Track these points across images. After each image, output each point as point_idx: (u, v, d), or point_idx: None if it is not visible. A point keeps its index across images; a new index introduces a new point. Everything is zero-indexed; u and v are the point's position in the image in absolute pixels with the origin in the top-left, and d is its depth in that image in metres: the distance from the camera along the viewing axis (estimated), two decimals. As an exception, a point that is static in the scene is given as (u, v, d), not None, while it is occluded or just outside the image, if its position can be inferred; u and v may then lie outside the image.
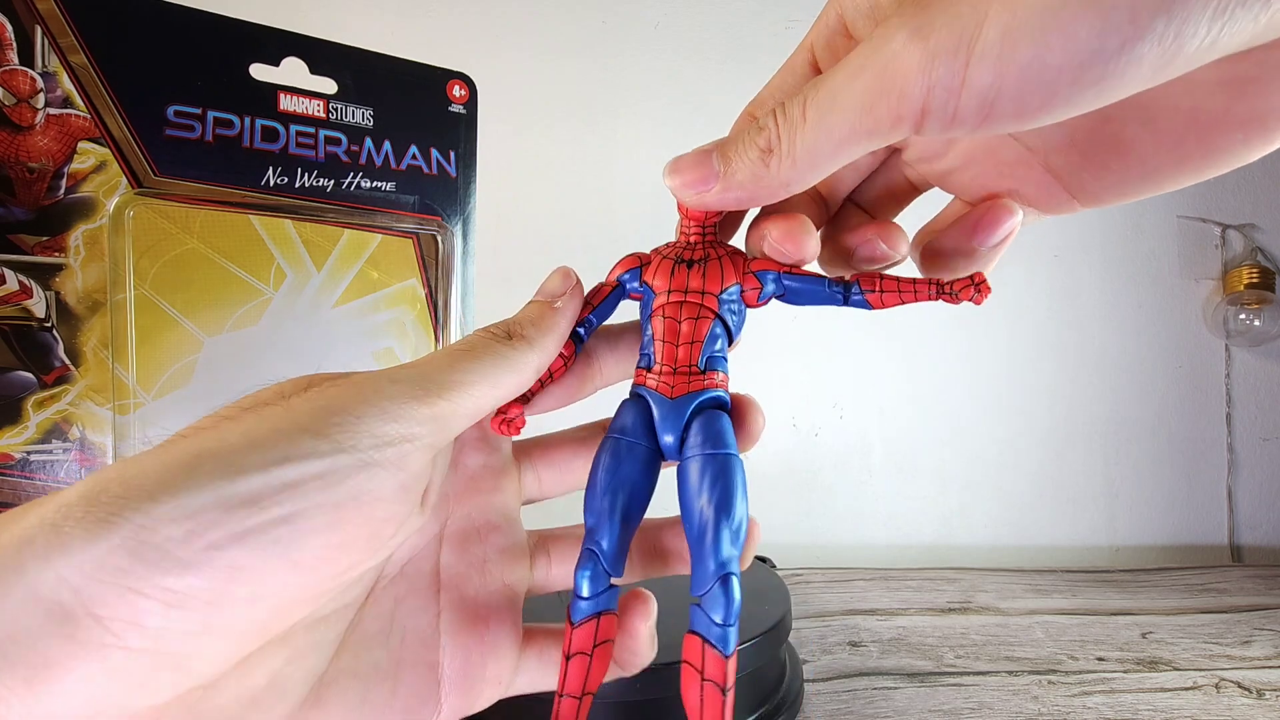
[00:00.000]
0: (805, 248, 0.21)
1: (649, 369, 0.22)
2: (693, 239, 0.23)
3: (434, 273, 0.43)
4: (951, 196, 0.24)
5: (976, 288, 0.20)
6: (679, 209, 0.22)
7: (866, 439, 0.78)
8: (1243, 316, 0.79)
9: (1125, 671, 0.46)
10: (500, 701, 0.22)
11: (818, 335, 0.75)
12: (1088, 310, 0.80)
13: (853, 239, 0.23)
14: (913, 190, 0.25)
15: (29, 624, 0.13)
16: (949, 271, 0.22)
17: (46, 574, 0.13)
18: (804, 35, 0.21)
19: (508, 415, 0.22)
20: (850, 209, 0.25)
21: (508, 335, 0.21)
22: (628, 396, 0.22)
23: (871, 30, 0.18)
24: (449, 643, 0.21)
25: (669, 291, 0.22)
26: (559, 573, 0.24)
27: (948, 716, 0.40)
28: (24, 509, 0.14)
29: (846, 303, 0.21)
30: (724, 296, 0.22)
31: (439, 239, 0.43)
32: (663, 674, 0.23)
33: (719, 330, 0.21)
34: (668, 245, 0.23)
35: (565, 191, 0.73)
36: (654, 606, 0.22)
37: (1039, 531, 0.80)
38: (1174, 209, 0.82)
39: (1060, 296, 0.80)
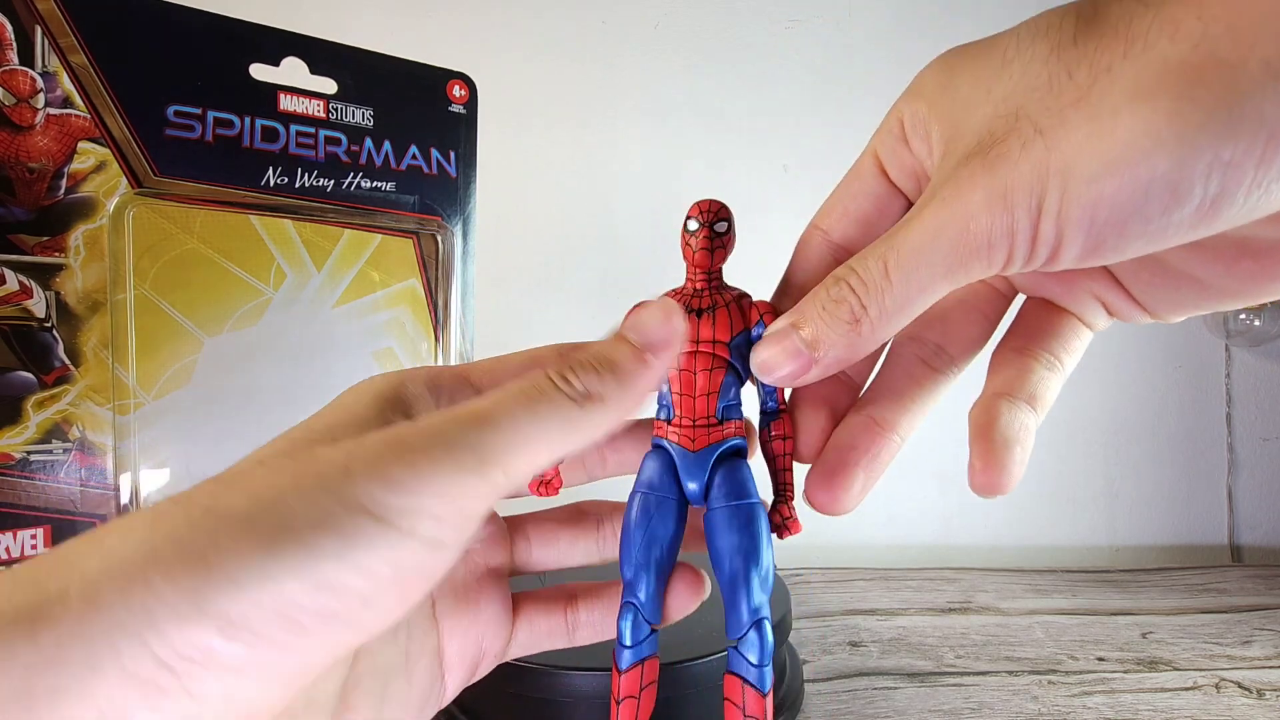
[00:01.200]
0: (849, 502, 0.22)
1: (669, 421, 0.22)
2: (699, 286, 0.23)
3: (434, 273, 0.43)
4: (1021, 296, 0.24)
5: (785, 524, 0.23)
6: (685, 255, 0.23)
7: (866, 439, 0.78)
8: (1243, 316, 0.79)
9: (1125, 671, 0.46)
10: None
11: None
12: (1088, 310, 0.80)
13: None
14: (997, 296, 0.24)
15: (125, 699, 0.13)
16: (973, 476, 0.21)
17: (141, 651, 0.13)
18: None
19: (544, 477, 0.23)
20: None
21: (585, 395, 0.18)
22: (650, 448, 0.23)
23: (924, 150, 0.20)
24: (447, 628, 0.22)
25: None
26: (539, 554, 0.25)
27: (948, 716, 0.40)
28: (99, 544, 0.14)
29: (763, 403, 0.23)
30: (733, 344, 0.22)
31: (439, 239, 0.43)
32: (675, 673, 0.24)
33: (732, 379, 0.22)
34: (674, 292, 0.23)
35: (565, 191, 0.73)
36: (706, 588, 0.23)
37: (1039, 531, 0.80)
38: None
39: (1060, 296, 0.80)
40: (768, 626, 0.20)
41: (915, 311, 0.18)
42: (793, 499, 0.23)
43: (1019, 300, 0.24)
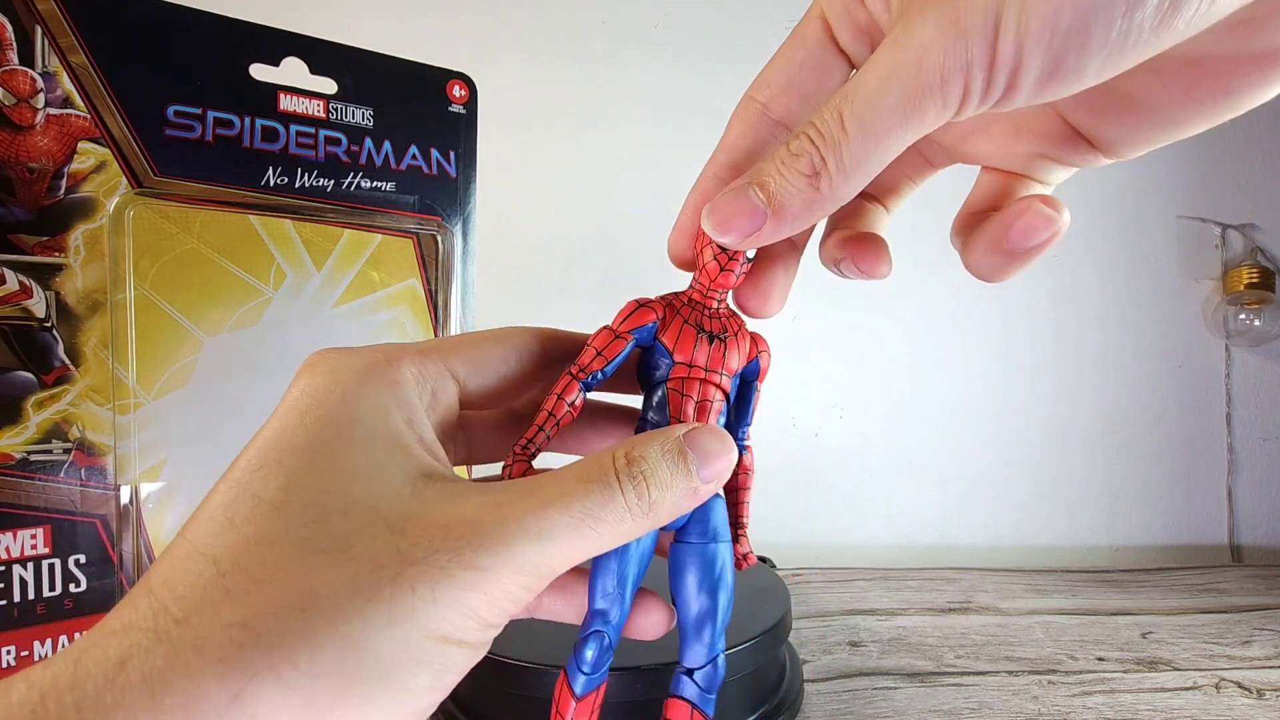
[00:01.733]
0: (884, 268, 0.22)
1: None
2: (712, 307, 0.22)
3: (434, 273, 0.43)
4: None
5: (743, 559, 0.23)
6: (705, 273, 0.21)
7: (866, 439, 0.78)
8: (1243, 316, 0.79)
9: (1125, 671, 0.46)
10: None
11: (818, 335, 0.75)
12: (1088, 310, 0.80)
13: (834, 251, 0.23)
14: (927, 166, 0.24)
15: None
16: (988, 268, 0.21)
17: None
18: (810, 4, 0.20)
19: (512, 463, 0.22)
20: (856, 201, 0.24)
21: (647, 511, 0.18)
22: None
23: (881, 5, 0.18)
24: None
25: (690, 365, 0.21)
26: None
27: (948, 716, 0.40)
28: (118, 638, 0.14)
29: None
30: (736, 378, 0.22)
31: (439, 239, 0.43)
32: (663, 675, 0.23)
33: (724, 411, 0.22)
34: (678, 299, 0.22)
35: (565, 191, 0.73)
36: (672, 622, 0.22)
37: (1039, 531, 0.80)
38: (1174, 209, 0.82)
39: (1060, 296, 0.80)
40: (723, 660, 0.21)
41: (875, 167, 0.17)
42: (746, 531, 0.23)
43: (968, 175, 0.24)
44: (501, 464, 0.22)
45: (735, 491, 0.23)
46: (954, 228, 0.23)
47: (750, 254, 0.21)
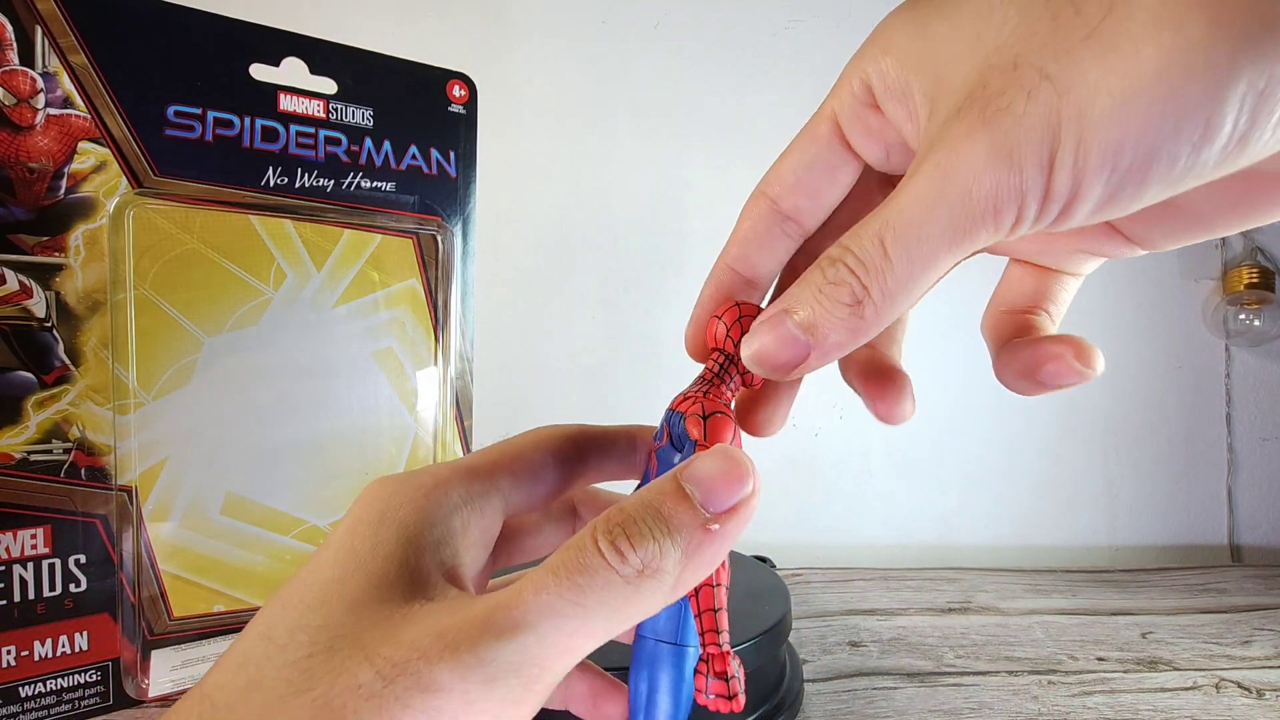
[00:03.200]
0: (904, 412, 0.21)
1: None
2: (727, 392, 0.21)
3: (434, 273, 0.43)
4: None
5: (730, 699, 0.18)
6: (725, 350, 0.20)
7: (866, 439, 0.78)
8: (1243, 316, 0.79)
9: (1125, 671, 0.46)
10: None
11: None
12: (1088, 310, 0.80)
13: (853, 383, 0.22)
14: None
15: None
16: (1019, 388, 0.21)
17: None
18: (822, 101, 0.20)
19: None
20: None
21: (640, 572, 0.15)
22: None
23: (902, 114, 0.18)
24: None
25: None
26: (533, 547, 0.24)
27: (948, 716, 0.40)
28: None
29: None
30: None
31: (439, 239, 0.43)
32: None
33: None
34: (718, 390, 0.21)
35: (565, 191, 0.73)
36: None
37: (1039, 531, 0.80)
38: (1174, 209, 0.82)
39: (1060, 296, 0.80)
40: None
41: (921, 289, 0.16)
42: (720, 657, 0.18)
43: (998, 264, 0.23)
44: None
45: (692, 596, 0.19)
46: (985, 324, 0.22)
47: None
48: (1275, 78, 0.12)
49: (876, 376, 0.21)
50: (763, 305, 0.21)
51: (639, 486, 0.21)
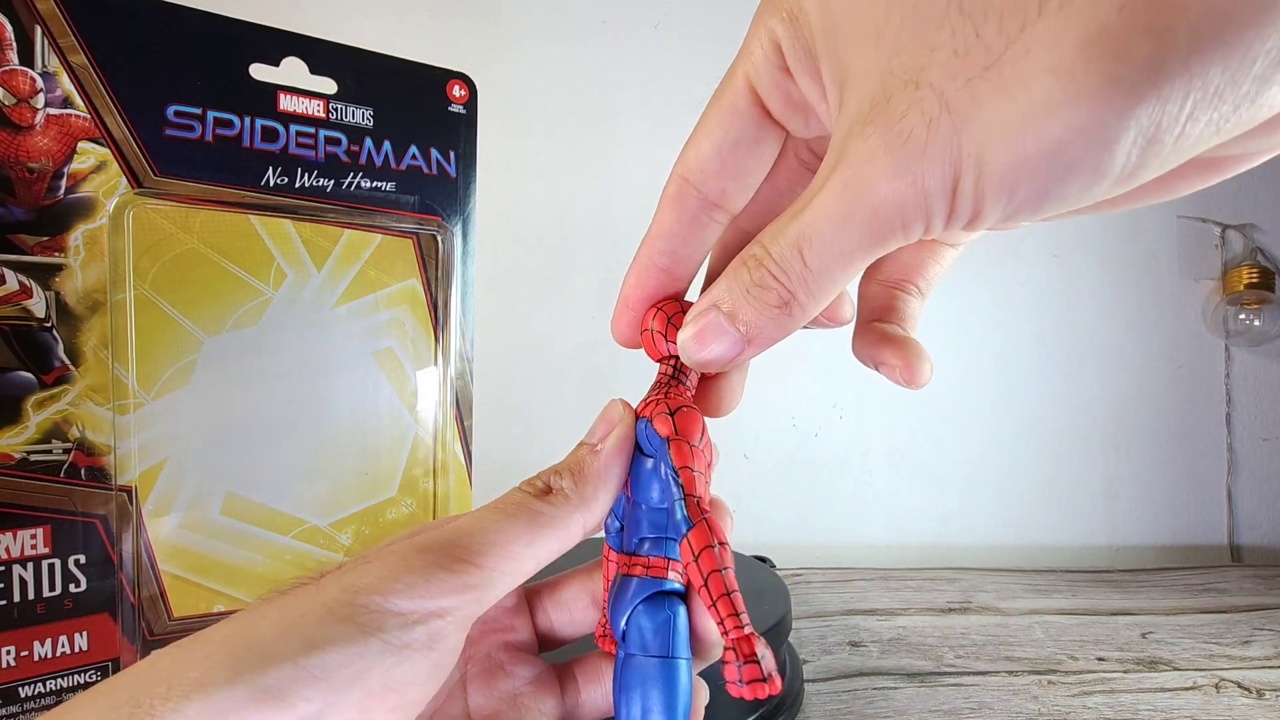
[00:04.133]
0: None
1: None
2: (686, 391, 0.21)
3: (434, 273, 0.43)
4: None
5: (765, 680, 0.17)
6: (665, 356, 0.21)
7: (866, 439, 0.78)
8: (1243, 316, 0.79)
9: (1125, 671, 0.46)
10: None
11: (818, 336, 0.75)
12: (1088, 310, 0.80)
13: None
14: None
15: None
16: (859, 350, 0.22)
17: None
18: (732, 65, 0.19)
19: (609, 632, 0.21)
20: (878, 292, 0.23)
21: (546, 490, 0.19)
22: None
23: (814, 91, 0.18)
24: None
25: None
26: (588, 697, 0.23)
27: (948, 716, 0.40)
28: (76, 709, 0.15)
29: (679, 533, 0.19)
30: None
31: (439, 239, 0.43)
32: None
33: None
34: (677, 392, 0.21)
35: (565, 191, 0.73)
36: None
37: (1039, 531, 0.80)
38: (1174, 209, 0.82)
39: (1060, 296, 0.80)
40: None
41: (844, 284, 0.17)
42: (746, 640, 0.17)
43: None
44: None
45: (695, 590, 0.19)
46: (860, 290, 0.23)
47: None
48: (1162, 122, 0.12)
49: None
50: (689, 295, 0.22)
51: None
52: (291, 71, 0.38)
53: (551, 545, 0.19)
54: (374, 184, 0.41)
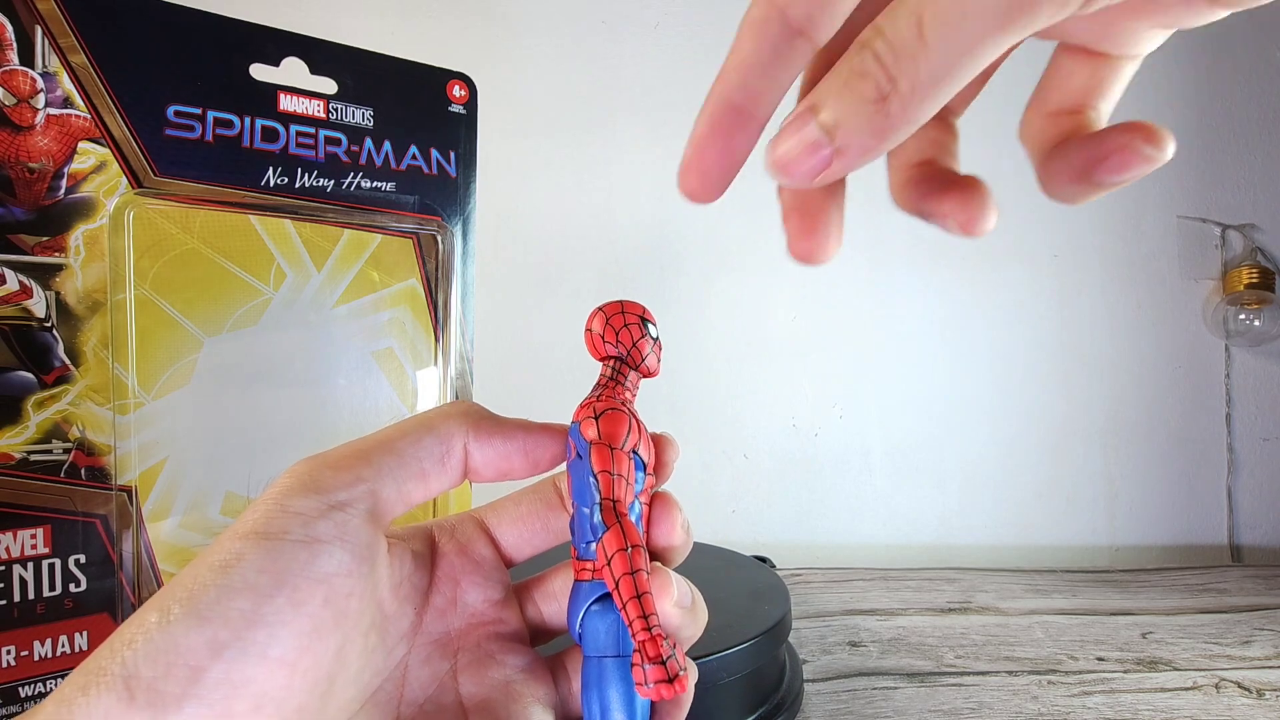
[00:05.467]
0: (989, 222, 0.18)
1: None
2: (624, 392, 0.21)
3: (434, 273, 0.43)
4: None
5: (671, 681, 0.17)
6: (645, 366, 0.21)
7: (866, 439, 0.78)
8: (1243, 316, 0.79)
9: (1125, 671, 0.46)
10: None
11: (818, 335, 0.75)
12: (1088, 310, 0.80)
13: (917, 204, 0.20)
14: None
15: None
16: (1069, 194, 0.18)
17: None
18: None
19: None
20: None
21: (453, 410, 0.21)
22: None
23: None
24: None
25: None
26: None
27: (948, 716, 0.40)
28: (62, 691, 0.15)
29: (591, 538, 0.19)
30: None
31: (439, 239, 0.43)
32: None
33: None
34: (599, 394, 0.21)
35: (565, 192, 0.73)
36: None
37: (1039, 531, 0.80)
38: (1174, 209, 0.82)
39: (1060, 296, 0.80)
40: None
41: (957, 84, 0.14)
42: (651, 641, 0.18)
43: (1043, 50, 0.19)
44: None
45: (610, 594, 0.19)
46: (1026, 132, 0.19)
47: (654, 333, 0.21)
48: None
49: (947, 187, 0.19)
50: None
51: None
52: (291, 71, 0.38)
53: (434, 448, 0.20)
54: (374, 184, 0.41)
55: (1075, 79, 0.18)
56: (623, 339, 0.21)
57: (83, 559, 0.33)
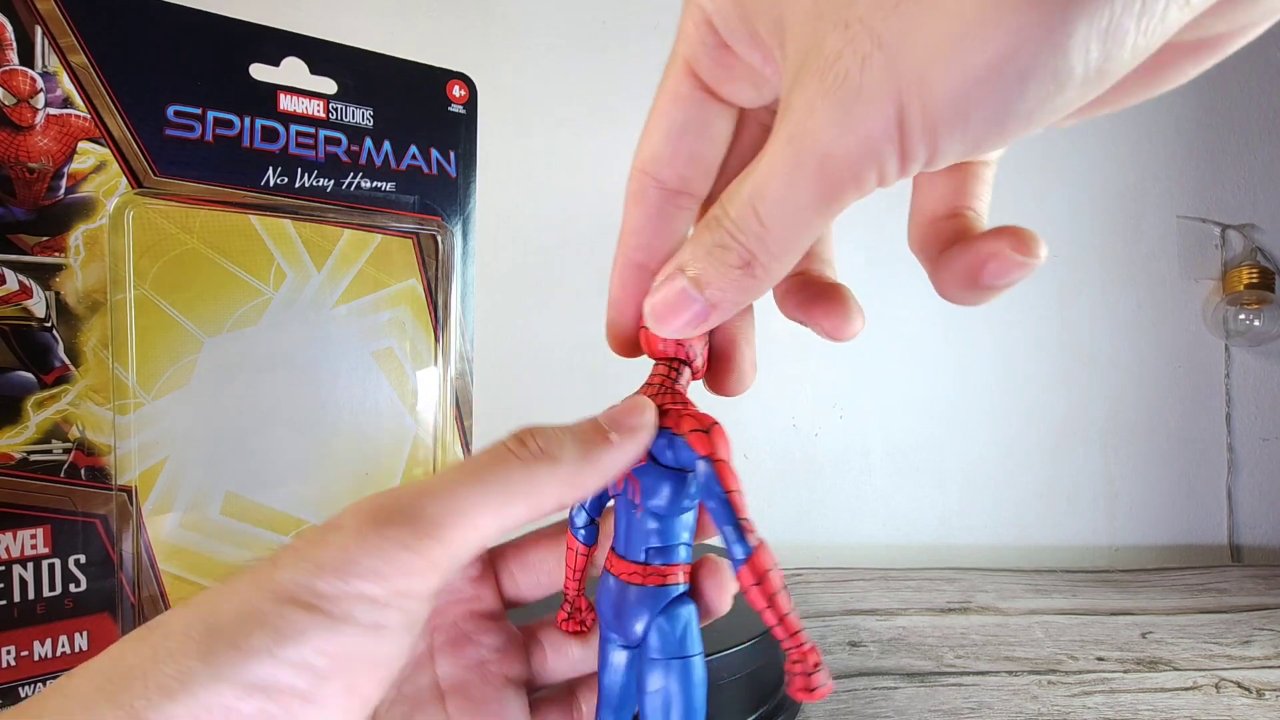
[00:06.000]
0: (854, 327, 0.20)
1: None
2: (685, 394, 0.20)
3: (434, 273, 0.43)
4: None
5: (809, 689, 0.18)
6: (687, 362, 0.20)
7: (866, 439, 0.78)
8: (1243, 316, 0.79)
9: (1125, 671, 0.46)
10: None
11: (818, 335, 0.75)
12: (1088, 310, 0.80)
13: (794, 313, 0.21)
14: None
15: None
16: (962, 299, 0.20)
17: None
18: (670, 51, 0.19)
19: (579, 614, 0.22)
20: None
21: (536, 454, 0.18)
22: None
23: (756, 56, 0.17)
24: None
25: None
26: (555, 663, 0.23)
27: (948, 716, 0.40)
28: (41, 707, 0.14)
29: (735, 565, 0.19)
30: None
31: (439, 239, 0.43)
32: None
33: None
34: (678, 403, 0.20)
35: (565, 191, 0.73)
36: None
37: (1039, 531, 0.80)
38: (1174, 209, 0.82)
39: (1060, 296, 0.80)
40: None
41: (804, 246, 0.17)
42: (816, 659, 0.19)
43: None
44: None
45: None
46: (912, 241, 0.21)
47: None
48: (1115, 8, 0.11)
49: (815, 297, 0.21)
50: None
51: (608, 501, 0.21)
52: (291, 71, 0.38)
53: (520, 511, 0.17)
54: (374, 184, 0.41)
55: (937, 189, 0.20)
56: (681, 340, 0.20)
57: (83, 559, 0.33)
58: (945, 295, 0.20)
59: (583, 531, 0.21)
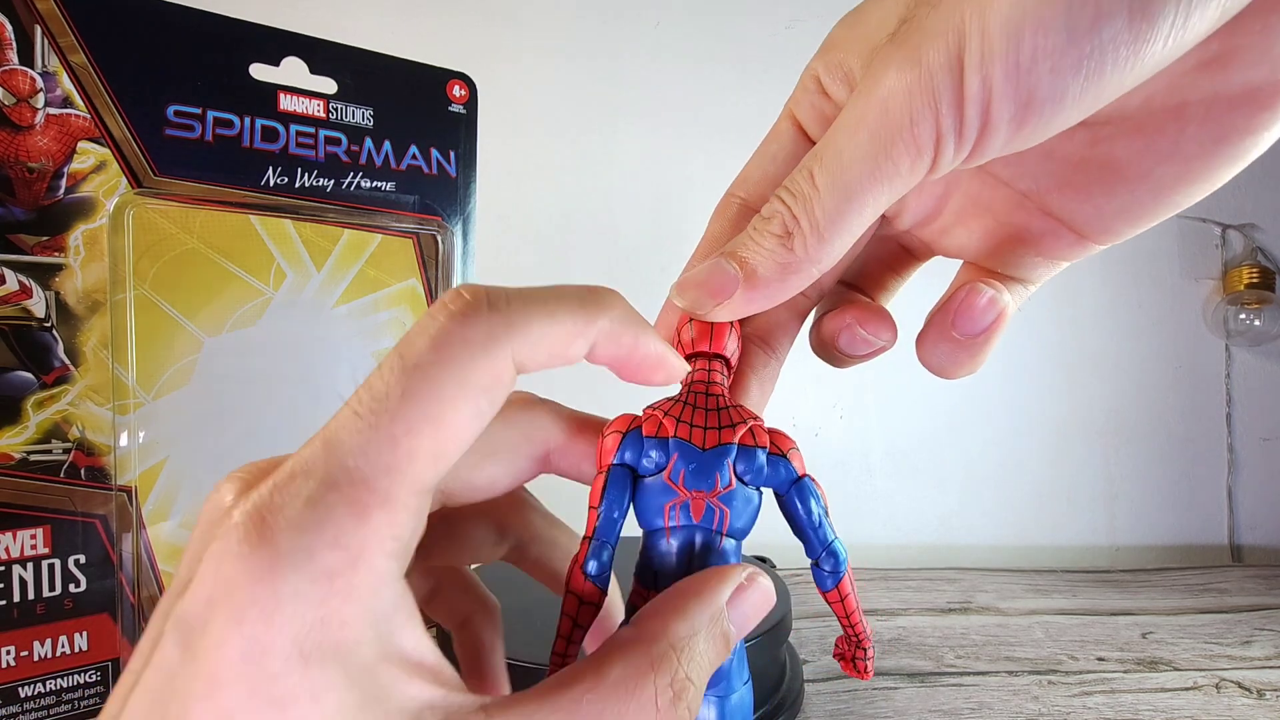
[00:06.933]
0: (890, 333, 0.21)
1: None
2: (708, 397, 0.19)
3: (434, 273, 0.43)
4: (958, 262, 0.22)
5: (857, 670, 0.21)
6: (724, 353, 0.19)
7: (866, 439, 0.78)
8: (1243, 316, 0.79)
9: (1125, 671, 0.46)
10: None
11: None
12: (1088, 310, 0.80)
13: (832, 325, 0.21)
14: (910, 259, 0.23)
15: None
16: (940, 362, 0.21)
17: None
18: (793, 91, 0.20)
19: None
20: (841, 291, 0.23)
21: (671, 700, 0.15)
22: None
23: (844, 92, 0.18)
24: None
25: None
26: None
27: (948, 716, 0.40)
28: None
29: (818, 574, 0.19)
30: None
31: (439, 239, 0.43)
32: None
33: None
34: (733, 405, 0.19)
35: (565, 191, 0.73)
36: None
37: (1039, 531, 0.80)
38: (1174, 209, 0.82)
39: (1060, 296, 0.80)
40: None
41: (851, 226, 0.16)
42: (870, 650, 0.21)
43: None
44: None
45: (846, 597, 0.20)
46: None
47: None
48: None
49: (860, 307, 0.22)
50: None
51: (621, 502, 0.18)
52: (291, 71, 0.38)
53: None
54: (374, 184, 0.41)
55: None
56: (714, 333, 0.19)
57: (82, 559, 0.33)
58: (928, 364, 0.22)
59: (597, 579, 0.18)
